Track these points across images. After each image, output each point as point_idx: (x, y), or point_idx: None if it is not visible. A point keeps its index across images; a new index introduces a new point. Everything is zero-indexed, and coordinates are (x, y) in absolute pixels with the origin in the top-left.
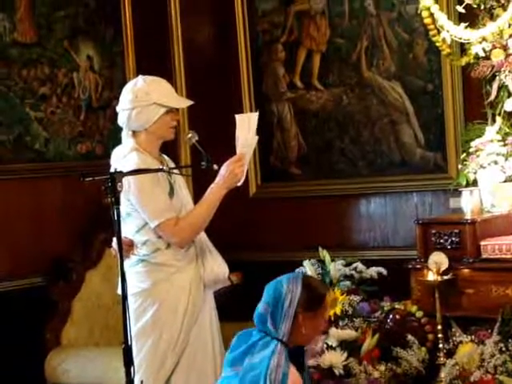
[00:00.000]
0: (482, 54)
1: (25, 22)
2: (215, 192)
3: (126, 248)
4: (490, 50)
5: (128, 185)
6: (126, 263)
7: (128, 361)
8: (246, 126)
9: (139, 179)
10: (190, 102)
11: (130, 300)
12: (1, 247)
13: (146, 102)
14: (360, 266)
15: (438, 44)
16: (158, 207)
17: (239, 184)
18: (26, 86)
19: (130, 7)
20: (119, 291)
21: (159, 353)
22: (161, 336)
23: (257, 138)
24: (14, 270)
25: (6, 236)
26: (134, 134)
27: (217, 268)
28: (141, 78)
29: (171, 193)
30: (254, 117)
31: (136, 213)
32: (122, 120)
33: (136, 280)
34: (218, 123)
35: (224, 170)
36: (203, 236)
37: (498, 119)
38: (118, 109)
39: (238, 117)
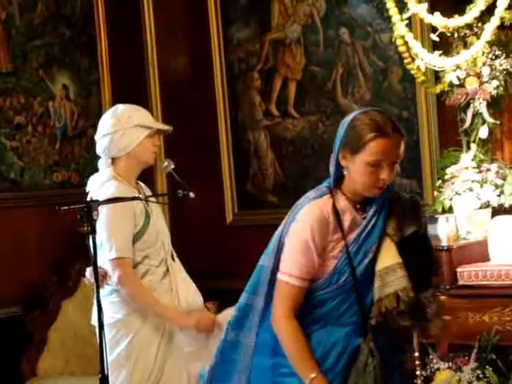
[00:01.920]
0: (456, 81)
1: (0, 51)
2: (175, 316)
3: (99, 278)
4: (464, 78)
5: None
6: (101, 293)
7: None
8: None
9: (110, 208)
10: (170, 127)
11: (105, 330)
12: None
13: (128, 124)
14: None
15: (412, 72)
16: (123, 242)
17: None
18: (2, 115)
19: (106, 36)
20: (93, 322)
21: (134, 383)
22: (135, 367)
23: None
24: None
25: None
26: (113, 161)
27: (191, 297)
28: (119, 105)
29: (147, 222)
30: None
31: None
32: (101, 147)
33: (110, 310)
34: (195, 151)
35: (204, 318)
36: (178, 265)
37: (473, 146)
38: (96, 137)
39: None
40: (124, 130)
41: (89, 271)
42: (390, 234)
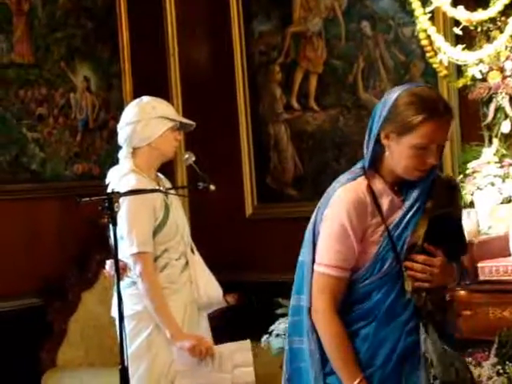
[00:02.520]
0: (478, 75)
1: (22, 43)
2: (176, 331)
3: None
4: (487, 72)
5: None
6: (121, 285)
7: (124, 382)
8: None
9: (132, 202)
10: (192, 122)
11: (125, 322)
12: None
13: (152, 114)
14: None
15: (434, 66)
16: (144, 236)
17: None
18: (23, 106)
19: (127, 28)
20: (113, 313)
21: (153, 376)
22: (155, 358)
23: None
24: (10, 291)
25: (3, 256)
26: (134, 152)
27: (210, 290)
28: (144, 97)
29: (166, 215)
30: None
31: None
32: (123, 136)
33: (130, 302)
34: (215, 144)
35: (195, 340)
36: (198, 258)
37: (495, 141)
38: (119, 126)
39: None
40: (147, 120)
41: (109, 263)
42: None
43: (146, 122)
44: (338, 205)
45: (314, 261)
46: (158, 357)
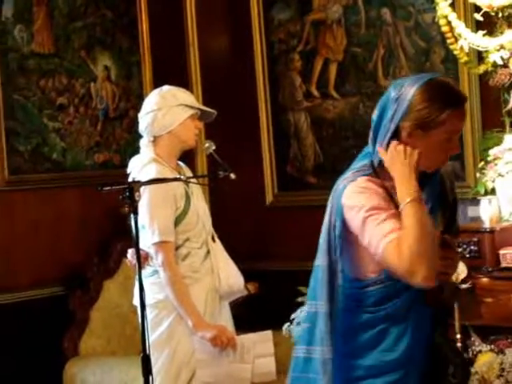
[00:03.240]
0: (499, 62)
1: (42, 32)
2: (199, 322)
3: (141, 260)
4: (508, 58)
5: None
6: (143, 274)
7: (146, 370)
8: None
9: (152, 191)
10: (213, 111)
11: (147, 311)
12: (19, 257)
13: (173, 102)
14: None
15: (455, 52)
16: (165, 225)
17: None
18: (44, 96)
19: (147, 17)
20: (135, 302)
21: (175, 364)
22: (176, 347)
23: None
24: (33, 280)
25: (25, 246)
26: (155, 140)
27: (232, 280)
28: (165, 85)
29: (187, 205)
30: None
31: None
32: (144, 125)
33: (152, 291)
34: (235, 132)
35: (220, 331)
36: (219, 247)
37: None
38: (140, 115)
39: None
40: (168, 108)
41: (130, 252)
42: None
43: (167, 110)
44: (359, 193)
45: (332, 266)
46: (179, 346)
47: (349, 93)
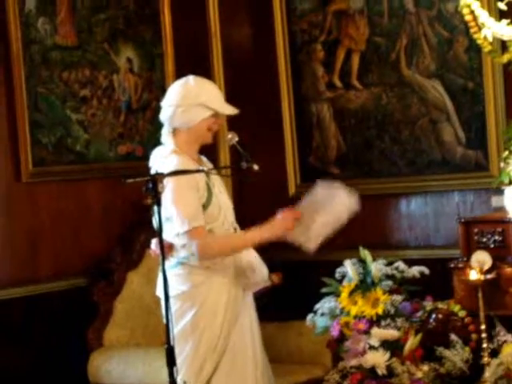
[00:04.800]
0: None
1: (65, 25)
2: (258, 234)
3: (165, 250)
4: None
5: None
6: (166, 265)
7: (171, 361)
8: (324, 196)
9: (177, 182)
10: (235, 111)
11: (170, 302)
12: (43, 249)
13: (193, 101)
14: (402, 265)
15: (479, 41)
16: (191, 212)
17: (287, 236)
18: (67, 88)
19: (170, 9)
20: (158, 293)
21: (199, 356)
22: (201, 338)
23: (344, 215)
24: (57, 272)
25: (48, 238)
26: (175, 132)
27: (256, 269)
28: (191, 77)
29: (209, 197)
30: (344, 196)
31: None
32: (165, 116)
33: (175, 282)
34: (258, 123)
35: (279, 216)
36: None
37: None
38: (162, 103)
39: (319, 183)
40: (187, 106)
41: (154, 242)
42: None
43: (186, 108)
44: None
45: None
46: (203, 337)
47: (371, 83)
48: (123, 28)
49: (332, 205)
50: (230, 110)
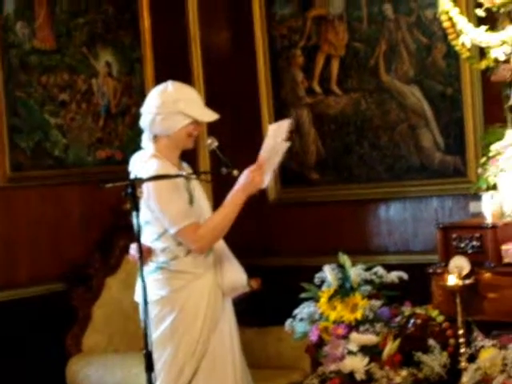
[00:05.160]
0: (501, 57)
1: (44, 29)
2: (235, 199)
3: (144, 255)
4: (510, 54)
5: (147, 191)
6: (145, 270)
7: (149, 367)
8: (275, 134)
9: (158, 185)
10: (215, 116)
11: (149, 307)
12: (21, 254)
13: (172, 109)
14: (380, 270)
15: (457, 48)
16: (178, 213)
17: (262, 187)
18: (46, 92)
19: (149, 13)
20: (136, 298)
21: (178, 361)
22: (179, 344)
23: (286, 144)
24: (35, 277)
25: (27, 242)
26: (155, 138)
27: (235, 275)
28: (170, 83)
29: (190, 201)
30: (284, 124)
31: (156, 220)
32: (144, 122)
33: (155, 287)
34: (237, 128)
35: (244, 176)
36: (221, 242)
37: None
38: (142, 110)
39: (270, 126)
40: (166, 115)
41: (133, 247)
42: None
43: (165, 116)
44: None
45: None
46: (182, 342)
47: (351, 89)
48: (102, 32)
49: (277, 142)
50: (210, 117)
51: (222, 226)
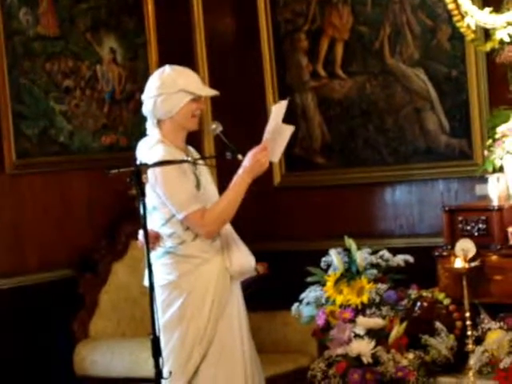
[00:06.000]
0: (507, 39)
1: (47, 15)
2: (240, 182)
3: (151, 240)
4: None
5: (154, 177)
6: (153, 255)
7: (156, 352)
8: (277, 114)
9: (165, 171)
10: (215, 92)
11: (157, 292)
12: (28, 241)
13: (172, 88)
14: (386, 254)
15: (462, 30)
16: (185, 198)
17: (266, 168)
18: (50, 79)
19: None
20: (145, 283)
21: (186, 345)
22: (188, 328)
23: (291, 127)
24: (42, 263)
25: (33, 229)
26: (159, 123)
27: (243, 259)
28: (167, 66)
29: (197, 185)
30: (283, 104)
31: (163, 205)
32: (147, 108)
33: (163, 272)
34: (242, 113)
35: (248, 159)
36: (229, 227)
37: None
38: (143, 97)
39: (273, 107)
40: (167, 95)
41: (142, 233)
42: None
43: (166, 97)
44: None
45: None
46: (190, 326)
47: (355, 72)
48: (106, 18)
49: (280, 120)
50: (210, 92)
51: (229, 210)
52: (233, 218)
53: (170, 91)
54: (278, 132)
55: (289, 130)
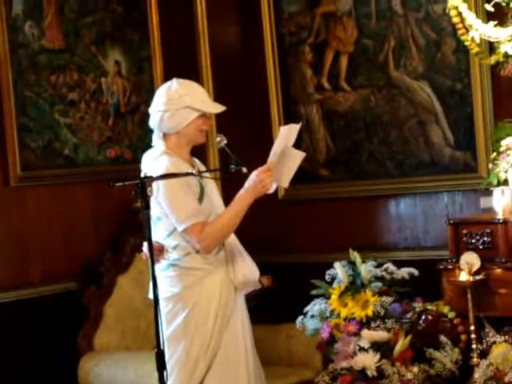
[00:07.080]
0: (511, 52)
1: (53, 28)
2: (243, 200)
3: (156, 252)
4: None
5: (157, 188)
6: (157, 268)
7: (161, 365)
8: (285, 136)
9: (169, 182)
10: (222, 108)
11: (161, 304)
12: (33, 253)
13: (179, 105)
14: (391, 266)
15: (466, 43)
16: (186, 211)
17: (270, 192)
18: (55, 92)
19: (157, 11)
20: (150, 295)
21: (191, 357)
22: (192, 340)
23: (302, 153)
24: (46, 276)
25: (38, 242)
26: (165, 136)
27: (247, 271)
28: (175, 80)
29: (201, 196)
30: (295, 127)
31: (166, 217)
32: (153, 122)
33: (167, 284)
34: (246, 126)
35: (253, 178)
36: (234, 239)
37: None
38: (150, 110)
39: (281, 128)
40: (174, 111)
41: (146, 245)
42: None
43: (173, 113)
44: None
45: None
46: (195, 338)
47: (360, 85)
48: (111, 31)
49: (290, 144)
50: (217, 109)
51: (228, 228)
52: (237, 229)
53: (177, 107)
54: (287, 156)
55: (299, 155)
